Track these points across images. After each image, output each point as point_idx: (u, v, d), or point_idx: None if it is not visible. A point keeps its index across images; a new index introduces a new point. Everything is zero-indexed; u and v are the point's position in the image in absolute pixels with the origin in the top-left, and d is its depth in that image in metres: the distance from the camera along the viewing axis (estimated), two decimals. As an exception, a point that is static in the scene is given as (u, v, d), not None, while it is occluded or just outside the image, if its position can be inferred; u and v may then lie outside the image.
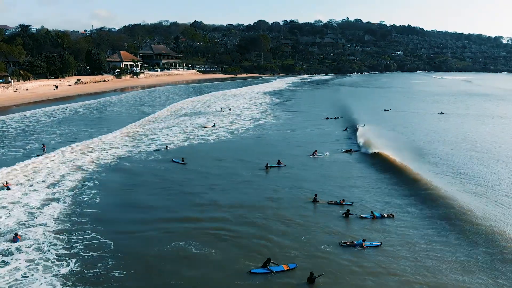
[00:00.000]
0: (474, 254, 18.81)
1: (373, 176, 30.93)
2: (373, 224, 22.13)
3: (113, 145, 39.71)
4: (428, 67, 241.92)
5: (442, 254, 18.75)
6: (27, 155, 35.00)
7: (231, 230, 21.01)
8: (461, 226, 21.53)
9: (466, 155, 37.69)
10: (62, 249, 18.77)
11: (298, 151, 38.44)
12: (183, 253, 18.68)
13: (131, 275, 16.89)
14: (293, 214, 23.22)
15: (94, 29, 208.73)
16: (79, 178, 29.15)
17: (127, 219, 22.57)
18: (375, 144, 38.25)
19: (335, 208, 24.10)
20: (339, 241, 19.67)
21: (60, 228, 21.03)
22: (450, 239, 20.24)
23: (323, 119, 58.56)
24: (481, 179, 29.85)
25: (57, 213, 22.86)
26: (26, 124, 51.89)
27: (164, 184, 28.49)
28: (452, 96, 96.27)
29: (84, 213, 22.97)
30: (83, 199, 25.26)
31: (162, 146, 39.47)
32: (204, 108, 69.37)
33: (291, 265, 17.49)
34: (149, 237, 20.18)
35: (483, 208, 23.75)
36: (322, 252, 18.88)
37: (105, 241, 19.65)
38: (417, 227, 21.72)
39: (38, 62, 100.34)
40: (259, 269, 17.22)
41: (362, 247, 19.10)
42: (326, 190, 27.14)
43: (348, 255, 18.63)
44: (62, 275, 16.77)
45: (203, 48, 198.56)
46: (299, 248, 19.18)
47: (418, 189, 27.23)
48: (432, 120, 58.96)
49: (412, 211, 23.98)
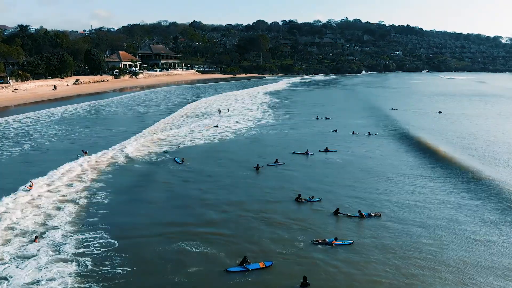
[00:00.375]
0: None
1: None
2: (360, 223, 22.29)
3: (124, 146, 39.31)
4: (427, 67, 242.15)
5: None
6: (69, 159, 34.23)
7: (225, 232, 20.99)
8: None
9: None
10: (75, 249, 18.86)
11: (297, 150, 38.43)
12: (182, 252, 18.71)
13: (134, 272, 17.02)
14: (281, 212, 23.42)
15: (93, 29, 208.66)
16: (91, 179, 29.04)
17: (132, 220, 22.59)
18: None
19: (322, 206, 24.38)
20: (312, 239, 19.86)
21: (74, 228, 21.06)
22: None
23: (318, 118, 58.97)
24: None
25: (71, 213, 22.89)
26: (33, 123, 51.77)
27: (168, 186, 28.41)
28: (486, 97, 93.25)
29: (94, 214, 22.94)
30: (95, 200, 25.17)
31: (172, 147, 39.12)
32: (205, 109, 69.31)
33: (267, 262, 17.67)
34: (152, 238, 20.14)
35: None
36: (299, 249, 19.14)
37: (111, 240, 19.72)
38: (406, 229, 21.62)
39: (36, 63, 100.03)
40: (235, 267, 17.40)
41: (332, 246, 19.30)
42: (311, 187, 27.70)
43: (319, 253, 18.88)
44: (75, 273, 16.89)
45: (202, 48, 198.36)
46: (283, 247, 19.34)
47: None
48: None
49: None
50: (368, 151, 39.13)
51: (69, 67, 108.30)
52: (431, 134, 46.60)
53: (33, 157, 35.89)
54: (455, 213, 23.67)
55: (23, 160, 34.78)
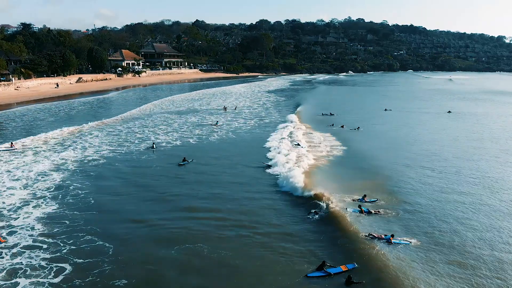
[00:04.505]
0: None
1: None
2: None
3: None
4: (431, 66, 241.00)
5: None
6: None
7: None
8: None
9: None
10: (52, 254, 17.08)
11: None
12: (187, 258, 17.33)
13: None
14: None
15: (96, 28, 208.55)
16: (80, 172, 28.30)
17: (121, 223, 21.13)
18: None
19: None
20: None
21: (48, 231, 19.26)
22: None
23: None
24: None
25: (43, 212, 21.40)
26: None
27: (165, 183, 27.28)
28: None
29: (76, 216, 21.14)
30: (81, 196, 24.05)
31: (154, 144, 37.50)
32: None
33: (349, 265, 16.33)
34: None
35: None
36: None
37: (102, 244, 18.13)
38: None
39: (39, 60, 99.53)
40: (315, 272, 15.90)
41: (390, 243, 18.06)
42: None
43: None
44: (51, 283, 15.08)
45: (205, 47, 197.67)
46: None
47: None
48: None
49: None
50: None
51: (72, 65, 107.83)
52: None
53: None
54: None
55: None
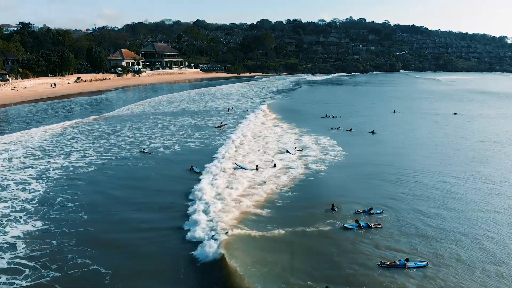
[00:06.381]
0: None
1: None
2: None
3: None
4: (433, 66, 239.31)
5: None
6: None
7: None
8: None
9: None
10: (32, 281, 15.18)
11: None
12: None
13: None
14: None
15: (97, 28, 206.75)
16: (68, 180, 26.51)
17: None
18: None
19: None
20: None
21: (33, 252, 17.18)
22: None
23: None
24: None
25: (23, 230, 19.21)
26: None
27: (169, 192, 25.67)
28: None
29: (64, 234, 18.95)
30: (71, 210, 22.07)
31: (151, 149, 35.66)
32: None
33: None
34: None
35: None
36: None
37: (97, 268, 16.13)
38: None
39: (37, 60, 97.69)
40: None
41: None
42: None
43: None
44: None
45: (206, 47, 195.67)
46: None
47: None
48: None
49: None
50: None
51: (70, 65, 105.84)
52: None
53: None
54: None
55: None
